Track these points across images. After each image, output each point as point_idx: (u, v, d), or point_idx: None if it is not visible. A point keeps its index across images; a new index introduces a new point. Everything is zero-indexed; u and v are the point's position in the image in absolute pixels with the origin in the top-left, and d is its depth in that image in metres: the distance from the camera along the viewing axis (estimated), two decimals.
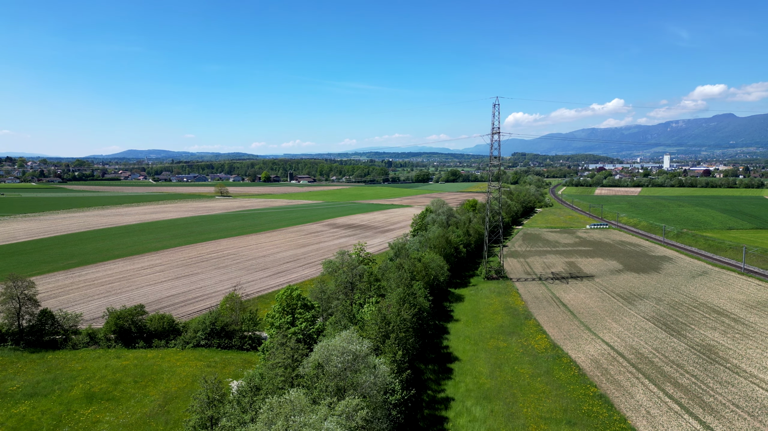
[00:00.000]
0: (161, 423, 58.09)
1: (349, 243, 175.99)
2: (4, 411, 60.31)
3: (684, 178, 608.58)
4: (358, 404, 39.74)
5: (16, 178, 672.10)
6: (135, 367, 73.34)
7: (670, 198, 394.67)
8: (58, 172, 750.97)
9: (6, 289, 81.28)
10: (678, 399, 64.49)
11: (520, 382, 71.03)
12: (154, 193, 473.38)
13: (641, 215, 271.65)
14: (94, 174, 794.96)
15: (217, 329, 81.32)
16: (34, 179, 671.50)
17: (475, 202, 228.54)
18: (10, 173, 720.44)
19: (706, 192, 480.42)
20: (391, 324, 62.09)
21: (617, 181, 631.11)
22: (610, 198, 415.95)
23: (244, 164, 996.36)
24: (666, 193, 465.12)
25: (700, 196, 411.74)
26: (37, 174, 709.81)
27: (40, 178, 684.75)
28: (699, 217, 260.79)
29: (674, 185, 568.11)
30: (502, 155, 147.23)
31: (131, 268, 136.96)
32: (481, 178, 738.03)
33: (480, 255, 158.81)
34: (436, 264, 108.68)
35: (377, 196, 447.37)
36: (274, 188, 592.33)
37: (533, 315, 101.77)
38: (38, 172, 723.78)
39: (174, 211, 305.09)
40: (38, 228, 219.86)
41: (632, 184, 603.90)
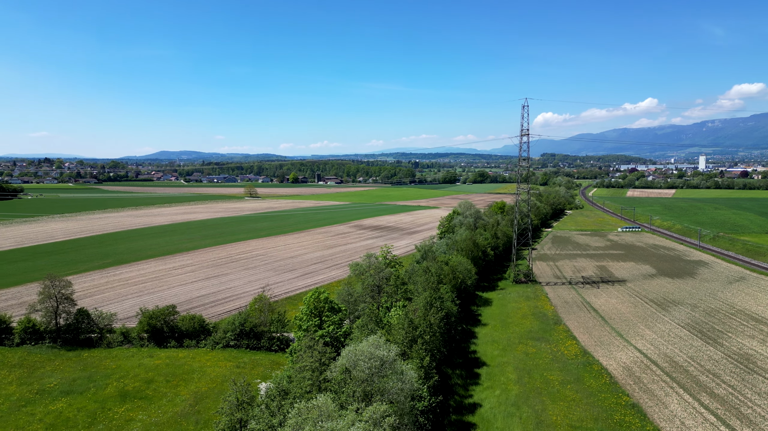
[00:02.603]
0: (192, 422, 59.14)
1: (375, 245, 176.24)
2: (42, 407, 62.32)
3: (720, 179, 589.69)
4: (385, 410, 39.68)
5: (54, 179, 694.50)
6: (167, 367, 74.87)
7: (706, 200, 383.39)
8: (94, 173, 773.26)
9: (44, 289, 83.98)
10: (714, 410, 62.51)
11: (549, 389, 69.91)
12: (185, 194, 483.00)
13: (675, 218, 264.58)
14: (128, 175, 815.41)
15: (246, 330, 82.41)
16: (71, 180, 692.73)
17: (503, 204, 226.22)
18: (48, 174, 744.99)
19: (743, 194, 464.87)
20: (418, 328, 61.84)
21: (650, 183, 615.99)
22: (642, 200, 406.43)
23: (272, 165, 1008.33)
24: (701, 195, 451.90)
25: (737, 199, 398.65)
26: (74, 175, 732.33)
27: (77, 178, 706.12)
28: (736, 220, 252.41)
29: (710, 187, 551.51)
30: (530, 156, 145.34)
31: (163, 268, 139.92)
32: (509, 179, 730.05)
33: (508, 258, 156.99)
34: (464, 268, 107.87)
35: (404, 197, 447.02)
36: (302, 189, 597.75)
37: (563, 321, 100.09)
38: (75, 173, 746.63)
39: (204, 211, 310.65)
40: (75, 228, 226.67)
41: (666, 185, 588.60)
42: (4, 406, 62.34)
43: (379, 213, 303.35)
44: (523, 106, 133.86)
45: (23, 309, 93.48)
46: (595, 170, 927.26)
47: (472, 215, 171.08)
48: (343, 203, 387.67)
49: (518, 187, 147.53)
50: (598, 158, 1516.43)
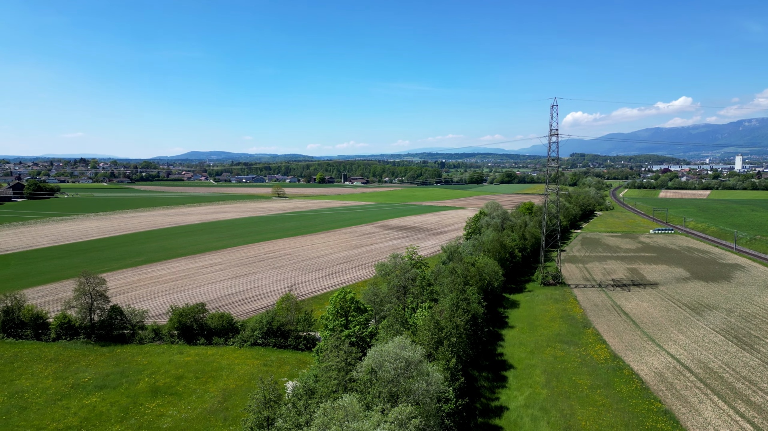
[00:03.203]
0: (220, 419, 60.08)
1: (401, 245, 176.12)
2: (77, 401, 64.16)
3: (758, 180, 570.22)
4: (411, 412, 39.57)
5: (89, 179, 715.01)
6: (196, 363, 76.24)
7: (743, 201, 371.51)
8: (126, 173, 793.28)
9: (79, 285, 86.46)
10: (750, 419, 60.52)
11: (578, 394, 68.74)
12: (214, 194, 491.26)
13: (710, 220, 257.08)
14: (160, 175, 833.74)
15: (274, 328, 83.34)
16: (105, 179, 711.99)
17: (532, 205, 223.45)
18: (83, 174, 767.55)
19: None
20: (444, 330, 61.53)
21: (684, 184, 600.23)
22: (675, 201, 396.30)
23: (299, 165, 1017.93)
24: (738, 197, 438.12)
25: None
26: (107, 174, 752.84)
27: (111, 178, 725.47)
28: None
29: (747, 188, 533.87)
30: (559, 156, 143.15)
31: (193, 266, 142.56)
32: (537, 180, 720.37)
33: (536, 260, 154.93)
34: (491, 269, 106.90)
35: (430, 198, 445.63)
36: (329, 189, 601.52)
37: (592, 324, 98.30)
38: (109, 173, 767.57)
39: (233, 211, 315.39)
40: (109, 226, 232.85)
41: (700, 186, 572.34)
42: (40, 399, 64.43)
43: (405, 213, 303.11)
44: (552, 105, 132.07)
45: (59, 305, 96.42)
46: (626, 170, 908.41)
47: (499, 216, 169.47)
48: (369, 203, 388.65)
49: (547, 187, 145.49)
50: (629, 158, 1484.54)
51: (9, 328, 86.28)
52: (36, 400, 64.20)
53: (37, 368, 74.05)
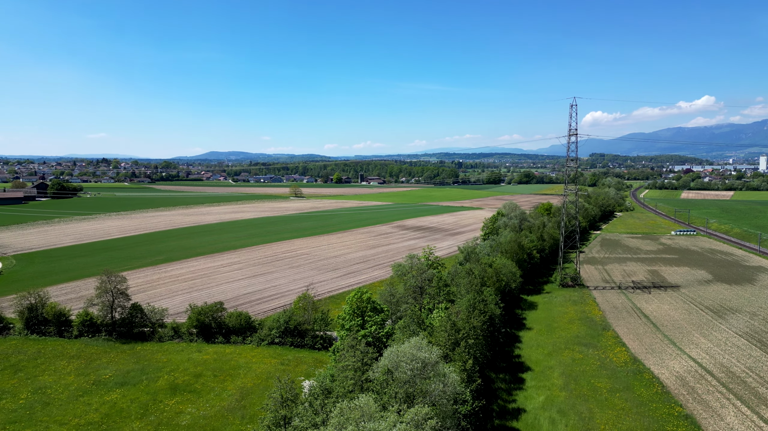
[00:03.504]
0: (238, 417, 60.62)
1: (418, 245, 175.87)
2: (98, 398, 65.30)
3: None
4: (427, 413, 39.47)
5: (111, 178, 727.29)
6: (214, 361, 77.05)
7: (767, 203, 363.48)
8: (147, 173, 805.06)
9: (101, 284, 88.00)
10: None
11: (597, 397, 67.91)
12: (233, 194, 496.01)
13: (734, 221, 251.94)
14: (179, 175, 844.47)
15: (291, 328, 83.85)
16: (127, 179, 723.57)
17: (550, 206, 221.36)
18: (106, 173, 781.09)
19: None
20: (460, 331, 61.25)
21: (706, 184, 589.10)
22: (698, 202, 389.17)
23: (317, 166, 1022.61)
24: (762, 198, 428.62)
25: None
26: (129, 174, 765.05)
27: (132, 178, 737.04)
28: None
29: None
30: (579, 156, 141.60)
31: (212, 266, 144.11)
32: (556, 180, 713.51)
33: (554, 261, 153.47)
34: (508, 270, 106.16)
35: (447, 198, 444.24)
36: (345, 189, 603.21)
37: (611, 326, 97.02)
38: (130, 173, 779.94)
39: (251, 211, 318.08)
40: (129, 225, 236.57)
41: (723, 187, 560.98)
42: (63, 395, 65.71)
43: (422, 213, 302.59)
44: (571, 105, 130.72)
45: (81, 302, 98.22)
46: (647, 171, 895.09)
47: (517, 216, 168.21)
48: (386, 203, 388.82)
49: (565, 187, 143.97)
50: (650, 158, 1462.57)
51: (33, 325, 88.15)
52: (59, 396, 65.50)
53: (60, 364, 75.54)
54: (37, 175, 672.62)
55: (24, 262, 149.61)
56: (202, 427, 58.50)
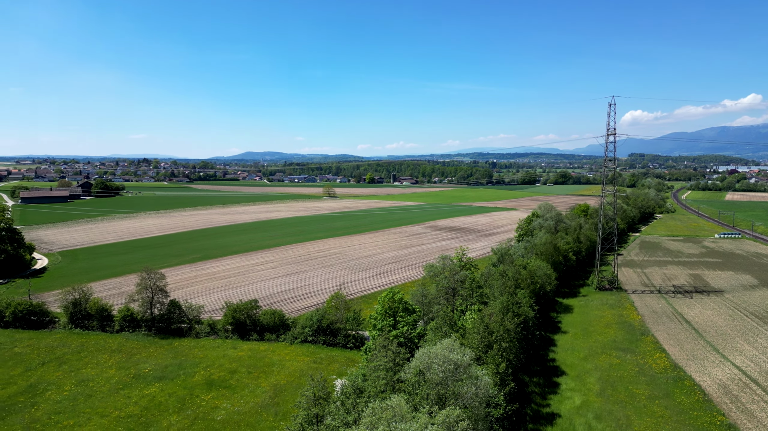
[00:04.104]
0: (271, 414, 61.49)
1: (450, 246, 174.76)
2: (138, 391, 67.29)
3: None
4: (459, 415, 39.19)
5: (151, 178, 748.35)
6: (249, 358, 78.37)
7: None
8: (186, 173, 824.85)
9: (141, 280, 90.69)
10: None
11: (635, 404, 66.09)
12: (268, 193, 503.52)
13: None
14: (216, 174, 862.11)
15: (323, 326, 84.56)
16: (166, 179, 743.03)
17: (587, 207, 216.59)
18: (146, 173, 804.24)
19: None
20: (494, 334, 60.58)
21: (752, 185, 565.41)
22: (743, 204, 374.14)
23: (350, 166, 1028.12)
24: None
25: None
26: (168, 174, 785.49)
27: (171, 177, 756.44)
28: None
29: None
30: (617, 156, 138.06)
31: (247, 264, 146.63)
32: (593, 181, 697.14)
33: (591, 263, 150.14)
34: (543, 272, 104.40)
35: (480, 199, 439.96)
36: (378, 189, 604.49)
37: (651, 332, 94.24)
38: (169, 173, 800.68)
39: (286, 210, 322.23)
40: (168, 224, 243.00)
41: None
42: (104, 388, 67.97)
43: (455, 214, 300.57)
44: (610, 104, 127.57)
45: (122, 298, 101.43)
46: (690, 171, 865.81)
47: (552, 218, 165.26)
48: (418, 203, 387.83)
49: (603, 188, 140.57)
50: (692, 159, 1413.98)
51: (77, 319, 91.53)
52: (100, 388, 67.79)
53: (102, 358, 78.17)
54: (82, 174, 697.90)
55: (69, 259, 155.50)
56: (237, 423, 59.59)
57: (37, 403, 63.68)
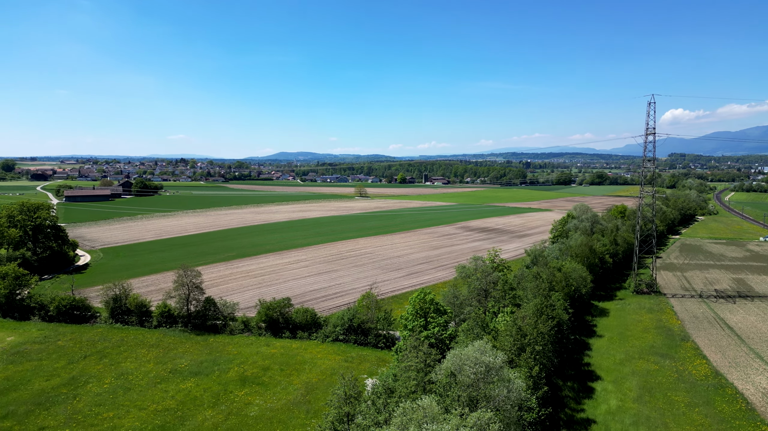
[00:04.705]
0: (303, 411, 62.13)
1: (482, 247, 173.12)
2: (174, 385, 68.99)
3: None
4: (490, 418, 38.77)
5: (188, 177, 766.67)
6: (281, 356, 79.38)
7: None
8: (221, 172, 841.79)
9: (178, 277, 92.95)
10: None
11: (673, 411, 64.12)
12: (301, 193, 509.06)
13: None
14: (251, 174, 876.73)
15: (354, 326, 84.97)
16: (203, 178, 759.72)
17: (624, 208, 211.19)
18: (183, 173, 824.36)
19: None
20: (527, 336, 59.70)
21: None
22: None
23: (381, 166, 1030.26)
24: None
25: None
26: (205, 174, 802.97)
27: (207, 177, 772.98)
28: None
29: None
30: (657, 156, 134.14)
31: (280, 262, 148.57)
32: (631, 181, 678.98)
33: (628, 266, 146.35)
34: (578, 275, 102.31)
35: (513, 199, 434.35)
36: (409, 189, 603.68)
37: (691, 337, 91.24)
38: (206, 172, 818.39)
39: (318, 210, 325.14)
40: (204, 222, 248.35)
41: None
42: (143, 382, 69.94)
43: (487, 214, 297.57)
44: (649, 102, 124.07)
45: (160, 295, 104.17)
46: (733, 172, 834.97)
47: (588, 219, 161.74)
48: (450, 204, 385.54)
49: (642, 189, 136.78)
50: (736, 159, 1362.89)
51: (117, 314, 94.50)
52: (139, 382, 69.78)
53: (141, 352, 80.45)
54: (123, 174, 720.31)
55: (110, 255, 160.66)
56: (269, 419, 60.43)
57: (79, 395, 66.01)
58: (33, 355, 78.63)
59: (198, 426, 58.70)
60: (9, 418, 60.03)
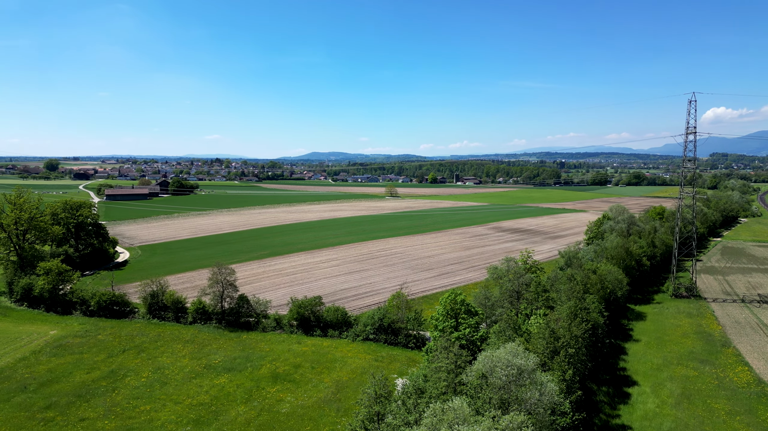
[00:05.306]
0: (333, 409, 62.57)
1: (515, 248, 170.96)
2: (208, 381, 70.45)
3: None
4: (523, 421, 38.25)
5: (223, 177, 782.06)
6: (312, 354, 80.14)
7: None
8: (255, 172, 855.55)
9: (213, 275, 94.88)
10: None
11: (713, 419, 62.02)
12: (332, 193, 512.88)
13: None
14: (284, 174, 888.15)
15: (385, 325, 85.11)
16: (237, 178, 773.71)
17: (663, 209, 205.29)
18: (218, 172, 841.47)
19: None
20: (560, 339, 58.65)
21: None
22: None
23: (412, 165, 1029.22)
24: None
25: None
26: (239, 173, 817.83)
27: (241, 177, 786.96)
28: None
29: None
30: (697, 156, 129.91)
31: (311, 261, 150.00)
32: (670, 182, 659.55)
33: (667, 269, 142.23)
34: (614, 277, 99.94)
35: (547, 200, 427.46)
36: (440, 189, 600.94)
37: (732, 343, 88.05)
38: (240, 172, 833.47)
39: (349, 209, 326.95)
40: (239, 221, 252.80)
41: None
42: (178, 376, 71.65)
43: (520, 215, 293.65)
44: (690, 101, 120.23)
45: (195, 292, 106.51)
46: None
47: (624, 220, 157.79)
48: (482, 204, 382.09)
49: (681, 190, 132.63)
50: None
51: (154, 310, 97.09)
52: (175, 377, 71.52)
53: (176, 347, 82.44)
54: (160, 173, 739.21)
55: (148, 253, 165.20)
56: (300, 416, 61.08)
57: (118, 388, 68.08)
58: (75, 348, 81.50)
59: (231, 422, 59.81)
60: (52, 409, 62.39)
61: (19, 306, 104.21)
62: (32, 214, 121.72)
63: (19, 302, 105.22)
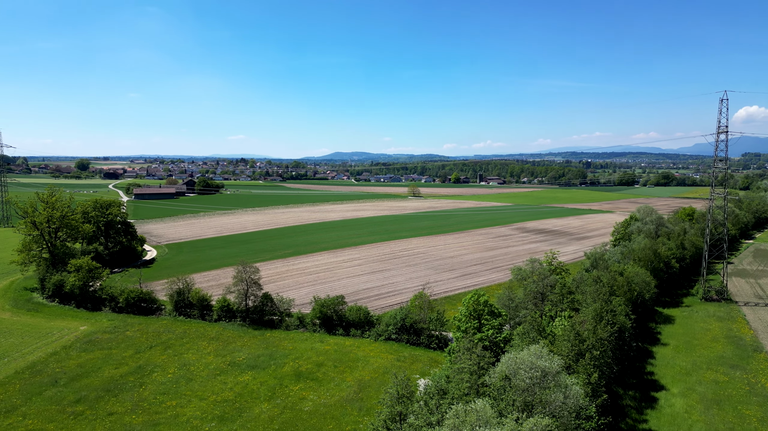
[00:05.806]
0: (355, 409, 62.76)
1: (539, 249, 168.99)
2: (233, 378, 71.36)
3: None
4: (547, 424, 37.79)
5: (248, 177, 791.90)
6: (335, 353, 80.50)
7: None
8: (279, 172, 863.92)
9: (238, 273, 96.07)
10: None
11: (744, 425, 60.34)
12: (355, 192, 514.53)
13: None
14: (307, 174, 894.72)
15: (407, 325, 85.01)
16: (261, 178, 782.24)
17: (693, 211, 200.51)
18: (243, 172, 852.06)
19: None
20: (585, 342, 57.76)
21: None
22: None
23: (435, 165, 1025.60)
24: None
25: None
26: (263, 173, 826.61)
27: (266, 176, 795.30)
28: None
29: None
30: (729, 156, 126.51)
31: (334, 260, 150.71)
32: (700, 183, 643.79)
33: (696, 272, 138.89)
34: (641, 280, 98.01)
35: (572, 200, 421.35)
36: (463, 189, 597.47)
37: (765, 348, 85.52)
38: (264, 172, 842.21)
39: (371, 209, 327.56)
40: (263, 220, 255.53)
41: None
42: (204, 373, 72.75)
43: (544, 215, 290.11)
44: (722, 99, 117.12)
45: (220, 290, 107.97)
46: None
47: (653, 221, 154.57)
48: (505, 204, 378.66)
49: (712, 191, 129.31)
50: None
51: (180, 308, 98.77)
52: (200, 373, 72.64)
53: (202, 344, 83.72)
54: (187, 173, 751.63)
55: (174, 251, 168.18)
56: (323, 415, 61.43)
57: (145, 383, 69.45)
58: (104, 344, 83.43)
59: (254, 419, 60.48)
60: (81, 403, 63.96)
61: (50, 302, 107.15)
62: (64, 212, 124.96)
63: (51, 298, 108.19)
